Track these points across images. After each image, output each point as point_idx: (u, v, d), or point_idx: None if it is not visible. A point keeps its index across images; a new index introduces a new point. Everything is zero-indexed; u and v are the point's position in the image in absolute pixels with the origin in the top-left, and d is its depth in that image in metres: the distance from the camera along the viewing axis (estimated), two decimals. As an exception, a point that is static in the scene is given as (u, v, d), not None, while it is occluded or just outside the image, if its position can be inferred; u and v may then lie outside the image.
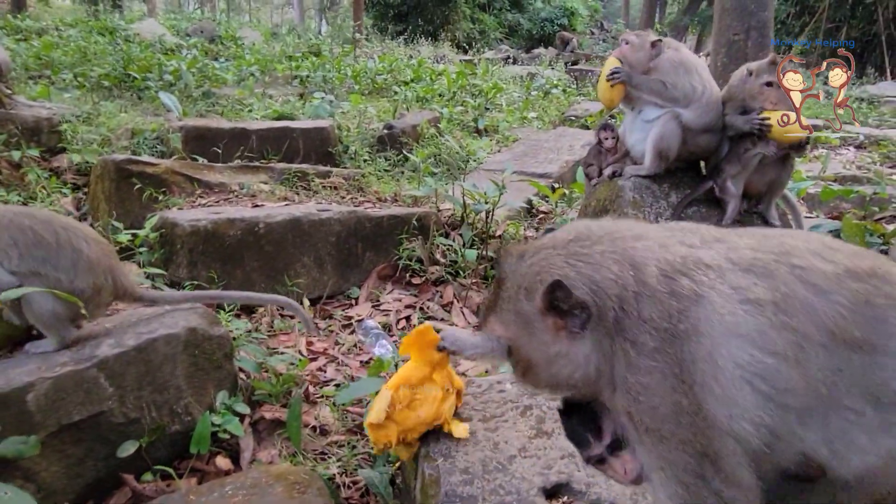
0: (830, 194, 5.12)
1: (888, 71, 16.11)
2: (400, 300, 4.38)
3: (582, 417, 1.43)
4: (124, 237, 3.96)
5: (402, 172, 6.99)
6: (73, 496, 2.16)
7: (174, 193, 4.71)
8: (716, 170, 3.60)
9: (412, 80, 11.48)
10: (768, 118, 3.28)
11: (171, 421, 2.39)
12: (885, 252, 3.84)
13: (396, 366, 2.38)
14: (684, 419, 1.20)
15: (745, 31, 7.46)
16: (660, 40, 3.55)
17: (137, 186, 4.57)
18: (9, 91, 6.19)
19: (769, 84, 3.30)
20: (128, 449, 2.24)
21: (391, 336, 3.85)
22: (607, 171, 3.84)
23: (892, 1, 16.68)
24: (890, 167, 9.16)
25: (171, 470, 2.27)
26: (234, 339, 3.03)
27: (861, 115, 12.70)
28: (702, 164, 3.83)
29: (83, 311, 2.35)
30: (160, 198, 4.60)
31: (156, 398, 2.34)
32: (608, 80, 3.50)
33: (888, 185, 6.77)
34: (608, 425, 1.40)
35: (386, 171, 7.09)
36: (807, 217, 5.69)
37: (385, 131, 7.65)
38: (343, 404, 2.81)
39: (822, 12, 18.13)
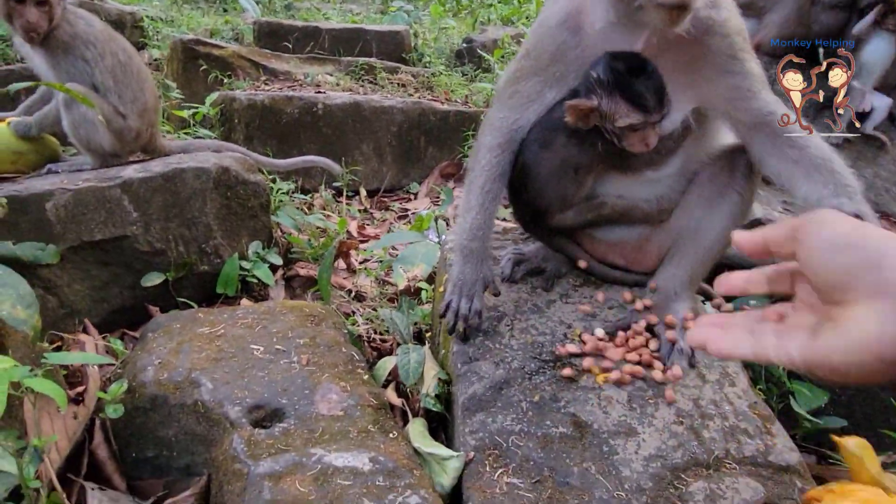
0: None
1: None
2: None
3: None
4: (184, 112, 3.91)
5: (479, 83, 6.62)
6: (97, 320, 2.11)
7: (239, 77, 4.61)
8: None
9: (499, 1, 10.82)
10: None
11: (198, 260, 2.28)
12: None
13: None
14: None
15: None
16: None
17: (203, 68, 4.52)
18: None
19: None
20: (153, 279, 2.16)
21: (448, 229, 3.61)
22: None
23: None
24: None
25: (195, 305, 2.16)
26: (276, 197, 2.89)
27: None
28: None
29: None
30: (225, 80, 4.53)
31: (183, 233, 2.23)
32: None
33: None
34: None
35: (461, 84, 6.73)
36: None
37: (464, 45, 7.23)
38: (382, 248, 2.68)
39: None
